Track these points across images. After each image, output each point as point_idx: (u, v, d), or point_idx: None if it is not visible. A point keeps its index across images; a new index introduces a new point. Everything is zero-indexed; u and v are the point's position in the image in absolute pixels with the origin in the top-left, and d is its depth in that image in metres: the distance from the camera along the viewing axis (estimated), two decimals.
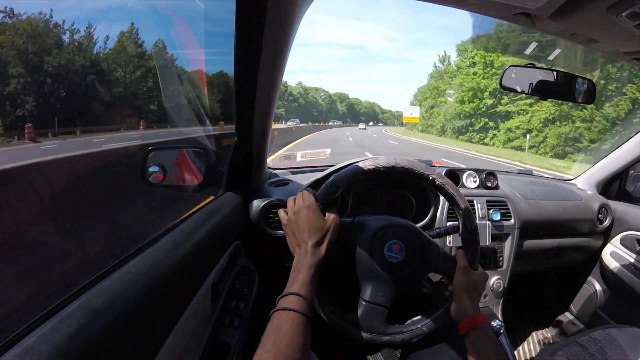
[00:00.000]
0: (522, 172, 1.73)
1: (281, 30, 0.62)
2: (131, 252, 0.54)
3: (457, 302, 0.66)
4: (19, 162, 1.11)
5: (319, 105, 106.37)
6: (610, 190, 1.54)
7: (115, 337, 0.39)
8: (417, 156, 3.44)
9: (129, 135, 2.36)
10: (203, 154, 0.88)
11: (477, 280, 0.67)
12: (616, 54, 0.80)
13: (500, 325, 0.96)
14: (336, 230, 0.63)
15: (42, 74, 1.56)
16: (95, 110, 1.87)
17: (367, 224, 0.69)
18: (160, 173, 0.81)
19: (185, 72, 1.80)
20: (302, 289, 0.54)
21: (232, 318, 0.74)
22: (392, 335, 0.65)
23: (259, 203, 0.98)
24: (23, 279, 0.64)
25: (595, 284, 1.51)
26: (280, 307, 0.51)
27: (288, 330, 0.47)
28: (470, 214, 0.69)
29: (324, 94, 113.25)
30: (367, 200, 1.18)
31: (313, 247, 0.59)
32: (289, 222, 0.64)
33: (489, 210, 1.17)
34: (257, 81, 0.72)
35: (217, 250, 0.75)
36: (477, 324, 0.61)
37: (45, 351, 0.32)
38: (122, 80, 2.52)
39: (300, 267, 0.57)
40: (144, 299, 0.45)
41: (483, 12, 0.66)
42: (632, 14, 0.54)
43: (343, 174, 0.66)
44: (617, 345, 0.83)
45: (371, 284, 0.66)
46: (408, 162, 0.68)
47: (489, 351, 0.59)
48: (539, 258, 1.43)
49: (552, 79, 0.95)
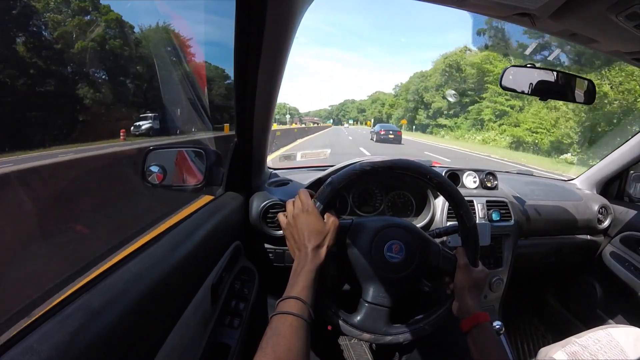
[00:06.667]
0: (521, 172, 1.73)
1: (281, 30, 0.62)
2: (131, 252, 0.54)
3: (459, 300, 0.66)
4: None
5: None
6: (610, 190, 1.54)
7: (114, 337, 0.39)
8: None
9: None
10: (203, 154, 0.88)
11: (478, 277, 0.68)
12: (616, 54, 0.80)
13: (500, 326, 0.97)
14: (335, 232, 0.63)
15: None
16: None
17: (367, 224, 0.69)
18: (160, 173, 0.81)
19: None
20: (301, 293, 0.53)
21: (231, 318, 0.74)
22: (394, 335, 0.65)
23: (259, 203, 0.98)
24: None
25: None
26: (280, 311, 0.51)
27: (287, 334, 0.47)
28: (468, 211, 0.69)
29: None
30: (367, 201, 1.18)
31: (313, 251, 0.59)
32: (288, 226, 0.64)
33: (488, 211, 1.17)
34: (257, 81, 0.72)
35: (217, 251, 0.75)
36: (479, 322, 0.61)
37: (45, 351, 0.32)
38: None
39: (300, 271, 0.57)
40: (144, 299, 0.45)
41: (483, 12, 0.66)
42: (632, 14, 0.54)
43: (341, 176, 0.66)
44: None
45: (372, 285, 0.66)
46: (405, 162, 0.68)
47: (491, 349, 0.59)
48: (539, 258, 1.43)
49: (552, 79, 0.95)
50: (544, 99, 0.97)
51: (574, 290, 1.62)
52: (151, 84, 2.34)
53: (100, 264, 0.90)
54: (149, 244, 0.57)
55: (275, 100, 0.81)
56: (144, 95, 2.38)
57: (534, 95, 0.95)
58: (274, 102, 0.82)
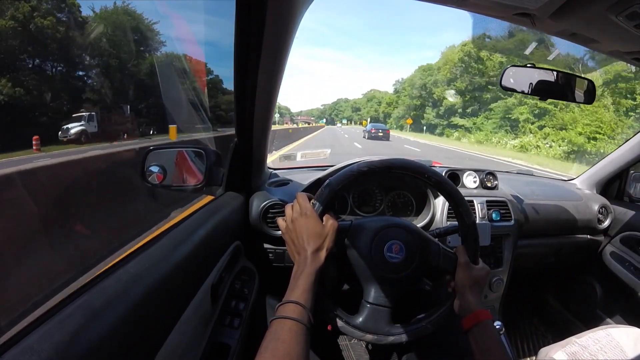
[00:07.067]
0: (521, 172, 1.74)
1: (281, 30, 0.62)
2: (131, 252, 0.54)
3: (460, 298, 0.66)
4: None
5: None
6: (610, 190, 1.54)
7: (114, 337, 0.39)
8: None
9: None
10: (203, 154, 0.88)
11: (479, 275, 0.68)
12: (616, 54, 0.80)
13: (500, 326, 0.97)
14: (334, 235, 0.63)
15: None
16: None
17: (366, 225, 0.69)
18: (160, 173, 0.81)
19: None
20: (301, 297, 0.53)
21: (232, 318, 0.74)
22: (397, 335, 0.65)
23: (259, 203, 0.98)
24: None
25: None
26: (279, 316, 0.51)
27: (286, 339, 0.47)
28: (467, 209, 0.69)
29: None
30: (367, 201, 1.18)
31: (312, 254, 0.59)
32: (287, 230, 0.64)
33: (488, 211, 1.17)
34: (257, 81, 0.72)
35: (217, 251, 0.75)
36: (481, 320, 0.61)
37: (45, 351, 0.32)
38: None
39: (300, 275, 0.57)
40: (144, 299, 0.45)
41: (483, 12, 0.66)
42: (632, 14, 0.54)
43: (339, 177, 0.66)
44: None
45: (373, 286, 0.66)
46: (403, 161, 0.68)
47: (492, 347, 0.59)
48: (539, 258, 1.43)
49: (552, 79, 0.95)
50: (544, 99, 0.97)
51: (574, 290, 1.62)
52: (89, 73, 1.93)
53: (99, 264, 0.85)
54: (149, 244, 0.57)
55: (275, 100, 0.81)
56: (73, 88, 1.94)
57: (534, 95, 0.96)
58: (274, 102, 0.82)
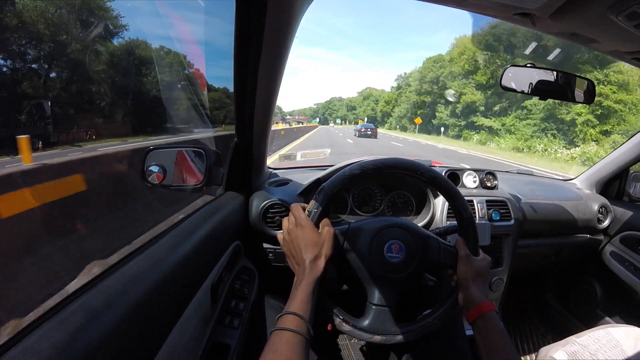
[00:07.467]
0: (521, 172, 1.74)
1: (281, 30, 0.62)
2: (131, 252, 0.54)
3: (464, 290, 0.66)
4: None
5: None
6: (610, 190, 1.54)
7: (114, 337, 0.39)
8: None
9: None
10: (203, 154, 0.88)
11: (480, 266, 0.67)
12: (616, 54, 0.80)
13: None
14: (332, 241, 0.63)
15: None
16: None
17: (364, 227, 0.69)
18: (160, 173, 0.81)
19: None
20: (299, 308, 0.54)
21: (231, 318, 0.73)
22: (405, 333, 0.65)
23: (258, 203, 0.98)
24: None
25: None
26: (277, 327, 0.51)
27: (284, 351, 0.48)
28: (464, 202, 0.69)
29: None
30: (366, 201, 1.18)
31: (310, 263, 0.60)
32: (285, 243, 0.64)
33: (488, 210, 1.17)
34: (257, 81, 0.72)
35: (217, 251, 0.75)
36: (484, 312, 0.61)
37: (45, 351, 0.32)
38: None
39: (298, 285, 0.58)
40: (144, 299, 0.45)
41: (483, 12, 0.66)
42: (632, 14, 0.54)
43: (332, 182, 0.66)
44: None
45: (377, 287, 0.66)
46: (394, 160, 0.68)
47: (497, 339, 0.59)
48: (539, 258, 1.43)
49: (552, 78, 0.95)
50: (543, 99, 0.97)
51: (574, 290, 1.62)
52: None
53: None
54: (149, 244, 0.57)
55: (275, 100, 0.81)
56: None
57: (533, 95, 0.96)
58: (274, 102, 0.82)
